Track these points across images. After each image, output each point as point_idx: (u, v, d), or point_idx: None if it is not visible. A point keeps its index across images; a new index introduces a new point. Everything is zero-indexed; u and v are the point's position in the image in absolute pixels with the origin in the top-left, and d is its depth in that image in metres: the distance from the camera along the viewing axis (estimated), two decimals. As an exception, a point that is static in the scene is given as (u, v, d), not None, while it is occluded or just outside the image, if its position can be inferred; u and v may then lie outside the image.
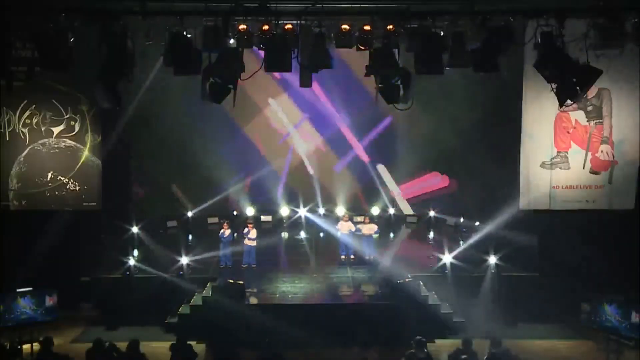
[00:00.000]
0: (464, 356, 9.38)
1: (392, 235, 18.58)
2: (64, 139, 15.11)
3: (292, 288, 13.75)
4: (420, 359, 9.28)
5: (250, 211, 19.29)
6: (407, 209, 19.86)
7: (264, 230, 17.59)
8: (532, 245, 14.43)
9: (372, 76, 10.72)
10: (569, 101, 10.37)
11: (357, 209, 19.14)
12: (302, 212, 19.38)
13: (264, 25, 10.62)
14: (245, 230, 15.35)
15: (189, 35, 10.60)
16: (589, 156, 14.59)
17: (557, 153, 14.69)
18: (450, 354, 9.91)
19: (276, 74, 17.90)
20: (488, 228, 16.63)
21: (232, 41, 10.62)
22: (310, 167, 19.83)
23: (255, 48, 10.74)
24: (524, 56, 13.43)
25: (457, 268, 14.38)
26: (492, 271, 14.05)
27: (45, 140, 15.04)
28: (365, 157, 19.83)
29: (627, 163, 14.52)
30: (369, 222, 15.95)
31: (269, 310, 12.78)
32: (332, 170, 19.91)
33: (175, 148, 19.10)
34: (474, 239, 16.87)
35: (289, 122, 19.73)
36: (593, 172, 14.63)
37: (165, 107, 18.24)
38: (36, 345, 10.22)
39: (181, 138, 19.04)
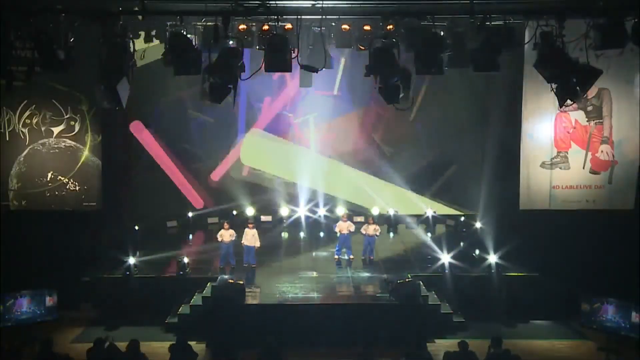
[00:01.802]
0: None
1: (391, 235, 18.58)
2: (64, 139, 15.13)
3: (292, 288, 13.74)
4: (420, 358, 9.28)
5: (250, 211, 19.27)
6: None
7: (263, 230, 17.57)
8: (532, 245, 14.42)
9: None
10: (569, 101, 10.38)
11: (357, 209, 19.13)
12: (302, 211, 19.37)
13: (264, 25, 10.64)
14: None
15: (189, 35, 10.60)
16: (589, 156, 14.62)
17: (557, 153, 14.72)
18: (449, 356, 9.88)
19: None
20: (488, 228, 16.66)
21: (231, 41, 10.61)
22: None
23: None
24: (524, 56, 13.45)
25: (457, 268, 14.37)
26: (492, 271, 14.04)
27: (45, 140, 15.07)
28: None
29: (627, 163, 14.56)
30: (373, 223, 15.93)
31: (269, 310, 12.78)
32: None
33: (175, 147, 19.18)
34: (474, 239, 16.92)
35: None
36: (593, 172, 14.66)
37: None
38: (36, 346, 10.21)
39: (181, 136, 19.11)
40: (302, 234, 18.82)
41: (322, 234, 18.68)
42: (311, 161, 19.49)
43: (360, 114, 19.33)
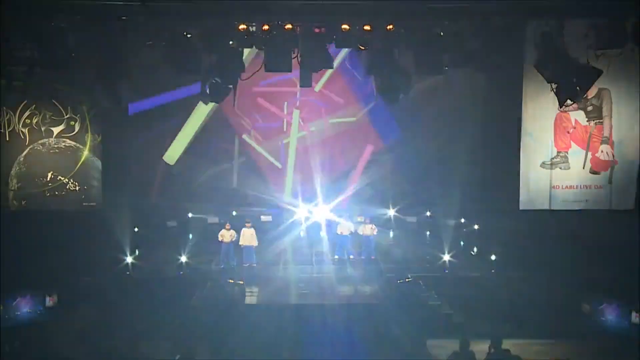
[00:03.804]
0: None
1: (392, 235, 18.58)
2: (64, 139, 15.12)
3: (292, 288, 13.74)
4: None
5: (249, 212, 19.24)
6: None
7: (263, 230, 17.56)
8: (532, 245, 14.42)
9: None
10: (569, 101, 10.38)
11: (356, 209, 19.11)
12: (302, 212, 19.35)
13: (264, 25, 10.64)
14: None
15: (189, 35, 10.60)
16: (589, 156, 14.60)
17: (557, 153, 14.70)
18: (448, 357, 9.89)
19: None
20: (488, 228, 16.65)
21: (231, 42, 10.61)
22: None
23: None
24: (524, 56, 13.45)
25: (457, 268, 14.37)
26: (492, 271, 14.05)
27: (45, 140, 15.05)
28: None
29: (627, 163, 14.53)
30: (369, 223, 15.93)
31: (269, 310, 12.78)
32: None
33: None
34: (473, 239, 16.91)
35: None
36: (593, 172, 14.64)
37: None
38: (36, 346, 10.22)
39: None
40: (302, 234, 18.81)
41: (322, 234, 18.66)
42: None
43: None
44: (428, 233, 18.11)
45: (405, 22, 10.74)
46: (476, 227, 17.67)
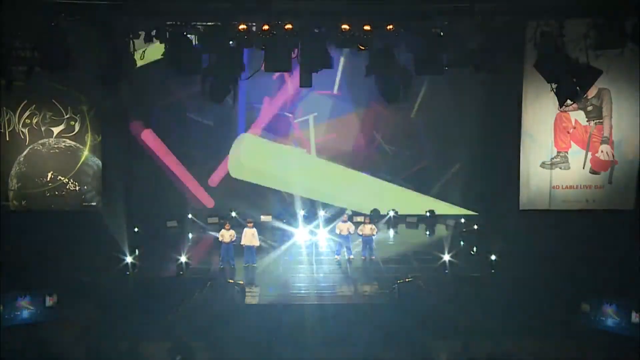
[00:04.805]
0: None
1: (392, 235, 18.57)
2: (64, 139, 15.13)
3: (292, 288, 13.75)
4: None
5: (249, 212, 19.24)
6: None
7: (263, 230, 17.56)
8: (532, 245, 14.42)
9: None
10: (569, 101, 10.39)
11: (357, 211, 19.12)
12: (301, 212, 19.37)
13: (264, 25, 10.65)
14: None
15: (189, 35, 10.61)
16: (589, 156, 14.62)
17: (557, 153, 14.72)
18: (448, 357, 9.90)
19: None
20: (488, 228, 16.66)
21: (231, 41, 10.63)
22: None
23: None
24: (524, 56, 13.45)
25: (457, 268, 14.37)
26: (492, 271, 14.04)
27: (45, 140, 15.07)
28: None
29: (627, 163, 14.56)
30: (369, 223, 15.94)
31: (269, 310, 12.78)
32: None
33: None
34: (473, 239, 16.90)
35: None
36: (593, 172, 14.66)
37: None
38: (36, 346, 10.21)
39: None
40: (302, 234, 18.80)
41: (322, 234, 18.66)
42: (310, 164, 19.48)
43: (361, 112, 19.19)
44: (428, 233, 18.09)
45: (405, 22, 10.76)
46: (476, 227, 17.69)
